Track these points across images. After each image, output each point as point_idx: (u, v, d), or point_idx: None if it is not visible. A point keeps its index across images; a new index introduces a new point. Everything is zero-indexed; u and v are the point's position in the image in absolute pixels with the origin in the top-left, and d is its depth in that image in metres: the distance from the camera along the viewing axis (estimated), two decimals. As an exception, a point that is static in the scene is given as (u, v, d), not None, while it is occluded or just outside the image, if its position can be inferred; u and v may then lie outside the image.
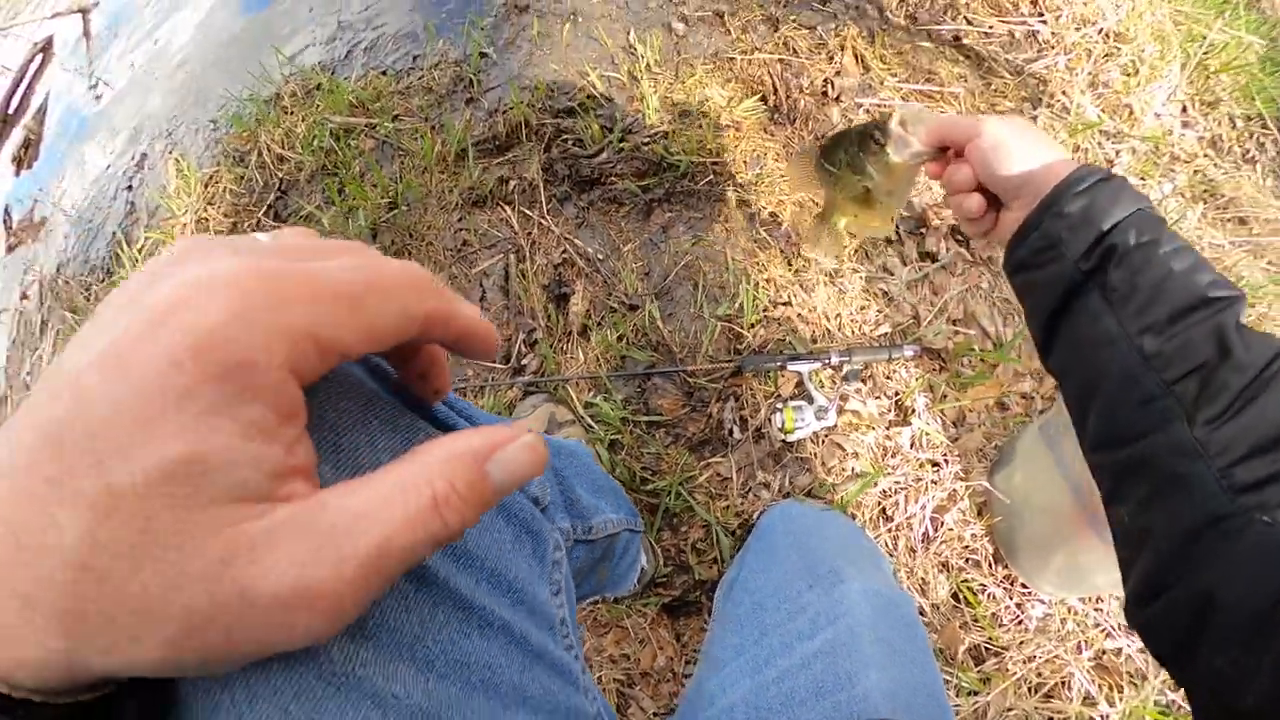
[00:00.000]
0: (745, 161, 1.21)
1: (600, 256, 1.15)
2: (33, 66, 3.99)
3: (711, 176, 1.19)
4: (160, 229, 1.82)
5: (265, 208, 1.60)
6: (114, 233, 2.10)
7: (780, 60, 1.37)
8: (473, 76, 1.47)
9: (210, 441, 0.18)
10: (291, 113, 1.68)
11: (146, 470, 0.17)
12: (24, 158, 3.30)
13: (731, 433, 1.03)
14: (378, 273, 0.22)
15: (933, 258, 1.17)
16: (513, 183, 1.24)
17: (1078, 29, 1.49)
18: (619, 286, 1.12)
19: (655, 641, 0.93)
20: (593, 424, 1.05)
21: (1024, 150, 0.54)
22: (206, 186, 1.77)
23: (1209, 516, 0.40)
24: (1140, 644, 1.02)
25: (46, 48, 4.07)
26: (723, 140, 1.22)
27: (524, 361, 1.12)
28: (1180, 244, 0.48)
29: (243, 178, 1.69)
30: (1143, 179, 1.36)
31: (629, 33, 1.45)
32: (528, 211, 1.22)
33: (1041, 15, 1.52)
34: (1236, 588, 0.37)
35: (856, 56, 1.42)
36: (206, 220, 1.69)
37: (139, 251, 1.85)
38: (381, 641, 0.26)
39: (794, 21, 1.44)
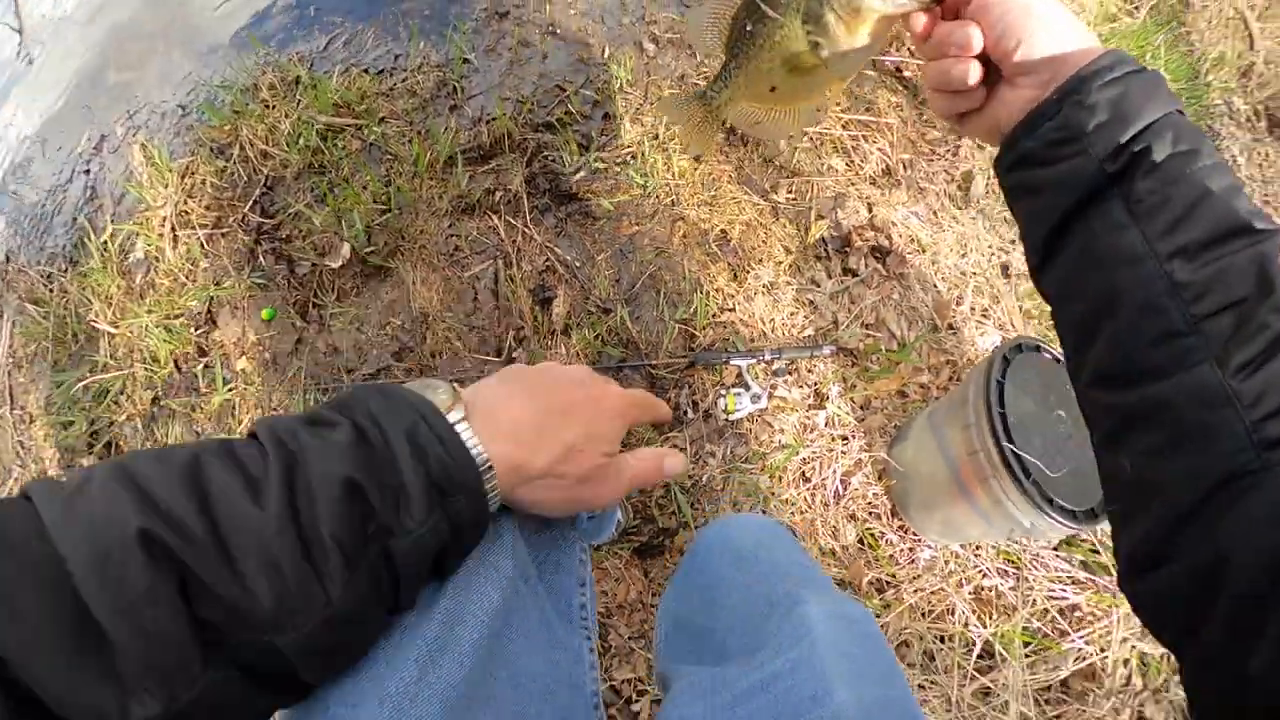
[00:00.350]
0: (703, 183, 1.42)
1: (578, 264, 1.36)
2: None
3: (674, 196, 1.40)
4: (135, 220, 1.81)
5: (251, 203, 1.69)
6: (75, 219, 2.05)
7: (733, 85, 1.57)
8: (456, 83, 1.61)
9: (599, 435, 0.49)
10: (273, 107, 1.76)
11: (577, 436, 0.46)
12: None
13: (686, 414, 1.27)
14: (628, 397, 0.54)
15: (854, 273, 1.42)
16: (498, 193, 1.42)
17: None
18: (595, 292, 1.34)
19: (628, 579, 1.19)
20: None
21: (1049, 18, 0.46)
22: (183, 177, 1.79)
23: (1231, 472, 0.36)
24: (1010, 582, 1.33)
25: None
26: (684, 164, 1.42)
27: (514, 355, 1.32)
28: (1219, 159, 0.42)
29: (224, 171, 1.75)
30: None
31: (604, 50, 1.62)
32: (512, 220, 1.40)
33: None
34: (1253, 547, 0.34)
35: (705, 51, 1.62)
36: (187, 214, 1.75)
37: (111, 242, 1.82)
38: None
39: (688, 12, 1.63)
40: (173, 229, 1.74)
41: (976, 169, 1.62)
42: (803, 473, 1.28)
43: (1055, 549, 1.34)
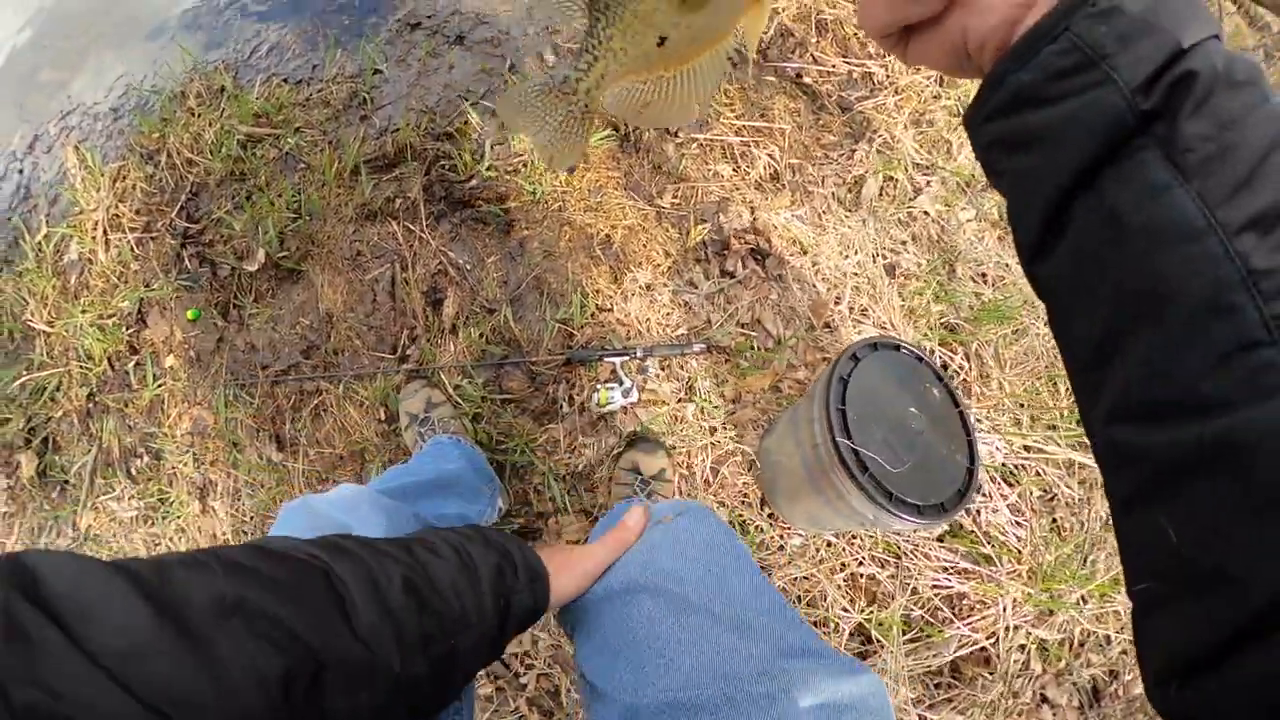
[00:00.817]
0: (590, 190, 1.52)
1: (469, 267, 1.45)
2: None
3: (561, 202, 1.50)
4: (69, 223, 1.88)
5: (178, 208, 1.78)
6: (9, 219, 2.10)
7: (628, 95, 1.65)
8: (366, 94, 1.70)
9: None
10: (198, 115, 1.84)
11: None
12: None
13: (562, 407, 1.37)
14: None
15: (731, 275, 1.52)
16: (398, 201, 1.51)
17: (913, 73, 1.81)
18: (482, 293, 1.43)
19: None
20: (460, 402, 1.38)
21: None
22: (115, 182, 1.88)
23: None
24: (890, 571, 1.36)
25: None
26: (573, 173, 1.51)
27: (408, 352, 1.42)
28: (1270, 88, 0.30)
29: (152, 177, 1.84)
30: (948, 205, 1.70)
31: (506, 60, 1.70)
32: (411, 226, 1.49)
33: (883, 58, 1.82)
34: None
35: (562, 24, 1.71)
36: (119, 218, 1.83)
37: (46, 243, 1.90)
38: None
39: None
40: (105, 232, 1.82)
41: (870, 173, 1.71)
42: (670, 461, 1.38)
43: (940, 540, 1.42)
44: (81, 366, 1.74)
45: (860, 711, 0.51)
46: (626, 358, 1.36)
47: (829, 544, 1.40)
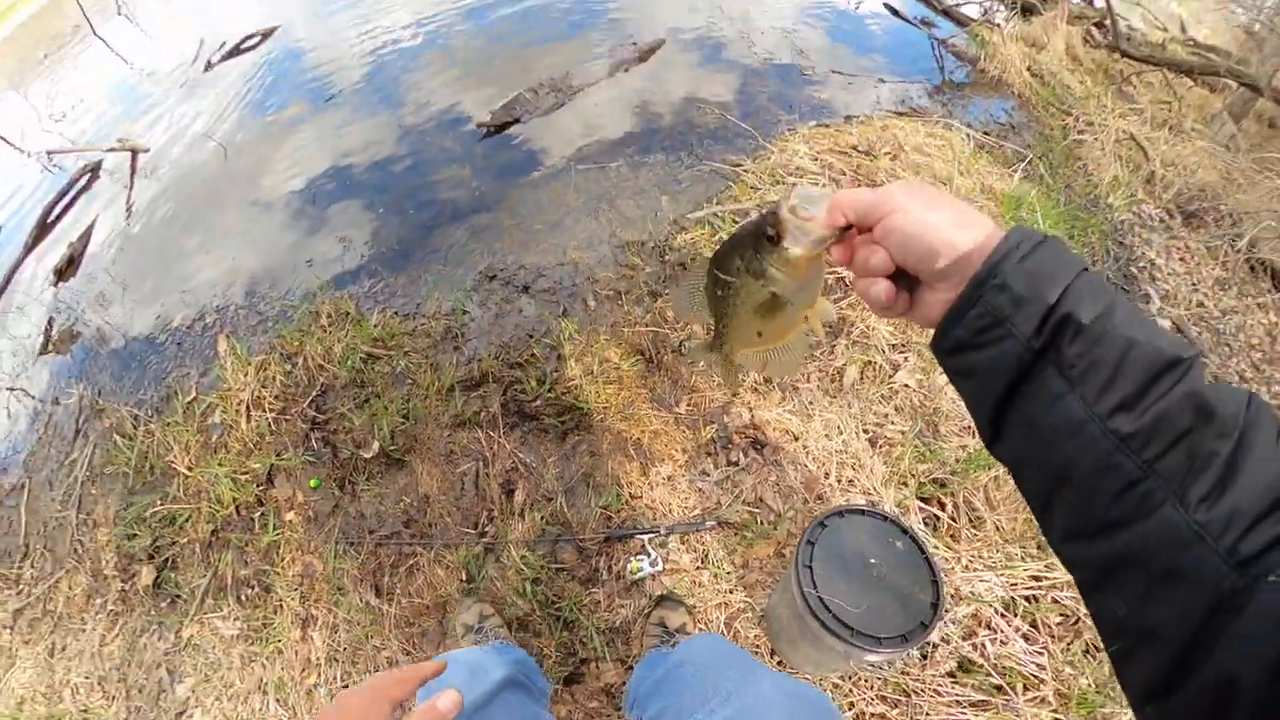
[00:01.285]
0: (624, 405, 2.04)
1: (534, 465, 1.95)
2: (78, 185, 4.80)
3: (604, 415, 2.01)
4: (218, 394, 2.47)
5: (309, 400, 2.33)
6: (164, 378, 2.74)
7: (654, 330, 2.23)
8: (458, 330, 2.30)
9: None
10: (329, 331, 2.46)
11: None
12: (65, 271, 4.09)
13: (603, 575, 1.78)
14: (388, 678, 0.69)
15: (735, 464, 1.98)
16: (482, 413, 2.04)
17: None
18: (544, 485, 1.91)
19: (560, 701, 1.65)
20: (513, 600, 1.80)
21: (943, 223, 0.49)
22: (259, 370, 2.46)
23: (1218, 599, 0.37)
24: (898, 710, 1.49)
25: (94, 171, 4.90)
26: (610, 390, 2.05)
27: (485, 529, 1.87)
28: (1127, 304, 0.45)
29: (290, 373, 2.42)
30: (925, 374, 2.11)
31: (561, 306, 2.31)
32: (491, 433, 2.01)
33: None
34: (1256, 660, 0.35)
35: (704, 325, 2.29)
36: (261, 399, 2.39)
37: (195, 405, 2.47)
38: None
39: (667, 295, 2.32)
40: (248, 409, 2.37)
41: (849, 362, 2.19)
42: (692, 618, 1.76)
43: (950, 675, 1.59)
44: (211, 507, 2.19)
45: (811, 694, 0.80)
46: (653, 535, 1.79)
47: (835, 685, 1.62)
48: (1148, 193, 3.78)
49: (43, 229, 4.58)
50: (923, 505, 1.84)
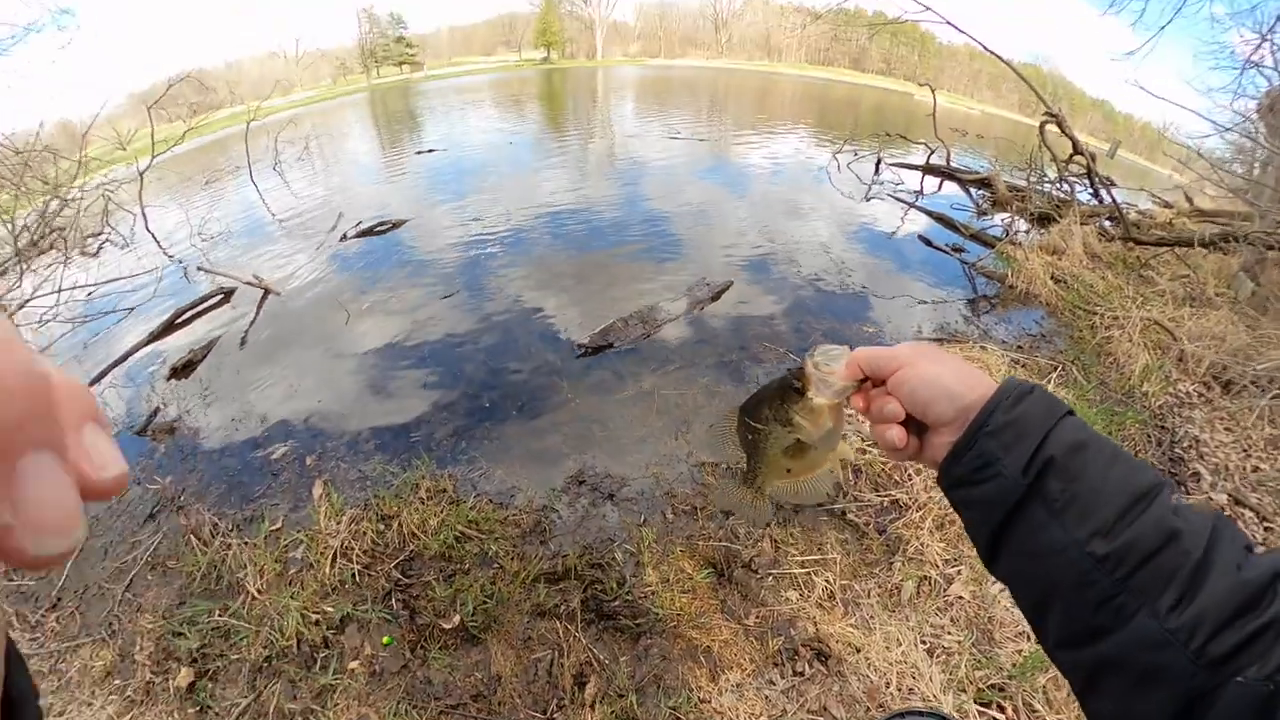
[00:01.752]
0: (697, 613, 2.22)
1: (607, 661, 2.09)
2: (211, 301, 5.47)
3: (677, 622, 2.19)
4: (305, 532, 2.68)
5: (396, 563, 2.54)
6: (253, 502, 2.95)
7: (726, 545, 2.48)
8: (546, 525, 2.59)
9: None
10: (426, 504, 2.74)
11: None
12: (181, 371, 4.62)
13: (664, 788, 1.82)
14: None
15: (801, 674, 2.09)
16: (562, 606, 2.24)
17: (927, 490, 2.60)
18: (615, 681, 2.04)
19: None
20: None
21: (946, 376, 0.59)
22: (352, 523, 2.69)
23: (1190, 697, 0.44)
24: None
25: (228, 296, 5.63)
26: (684, 599, 2.24)
27: (554, 715, 1.96)
28: (1105, 443, 0.53)
29: (382, 534, 2.65)
30: (978, 585, 2.27)
31: (641, 515, 2.60)
32: (569, 626, 2.19)
33: (904, 485, 2.64)
34: None
35: (771, 541, 2.54)
36: (349, 550, 2.58)
37: (280, 536, 2.67)
38: None
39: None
40: (335, 555, 2.55)
41: (906, 578, 2.35)
42: None
43: None
44: (271, 634, 2.29)
45: None
46: (714, 750, 1.86)
47: None
48: (1181, 371, 3.99)
49: (170, 327, 5.26)
50: (981, 709, 1.93)
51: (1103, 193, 7.18)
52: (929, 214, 7.50)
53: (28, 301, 5.34)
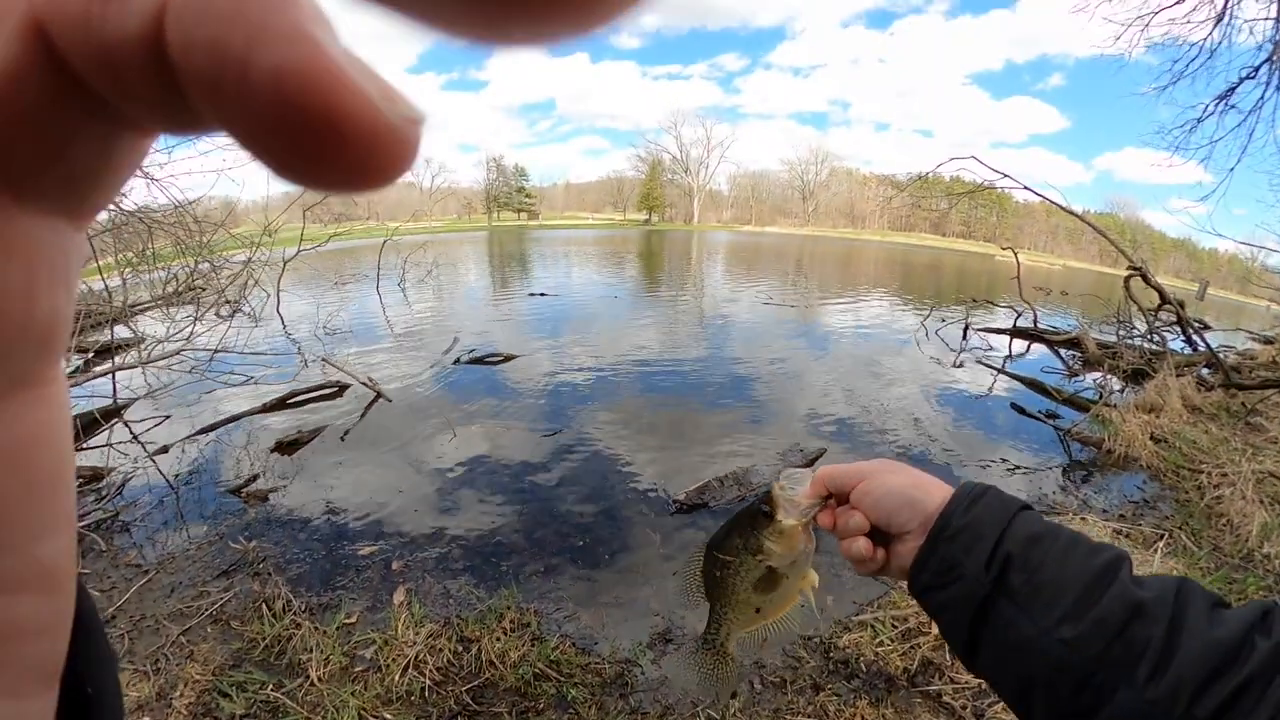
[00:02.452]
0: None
1: None
2: (322, 392, 5.91)
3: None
4: (381, 635, 2.65)
5: (469, 687, 2.48)
6: (332, 588, 2.99)
7: (809, 737, 2.32)
8: (629, 679, 2.51)
9: None
10: (509, 636, 2.71)
11: None
12: (285, 447, 4.79)
13: None
14: None
15: None
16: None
17: None
18: None
19: None
20: None
21: (907, 486, 0.61)
22: (430, 638, 2.64)
23: None
24: None
25: (341, 390, 6.12)
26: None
27: None
28: (1060, 531, 0.55)
29: (459, 655, 2.60)
30: None
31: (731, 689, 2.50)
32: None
33: None
34: None
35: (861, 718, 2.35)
36: (422, 663, 2.53)
37: (352, 630, 2.67)
38: None
39: (830, 689, 2.44)
40: (407, 666, 2.51)
41: None
42: None
43: None
44: None
45: None
46: None
47: None
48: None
49: (281, 403, 5.68)
50: None
51: (1196, 339, 6.85)
52: (1019, 379, 7.38)
53: (161, 341, 5.94)
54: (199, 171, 6.72)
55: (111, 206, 5.98)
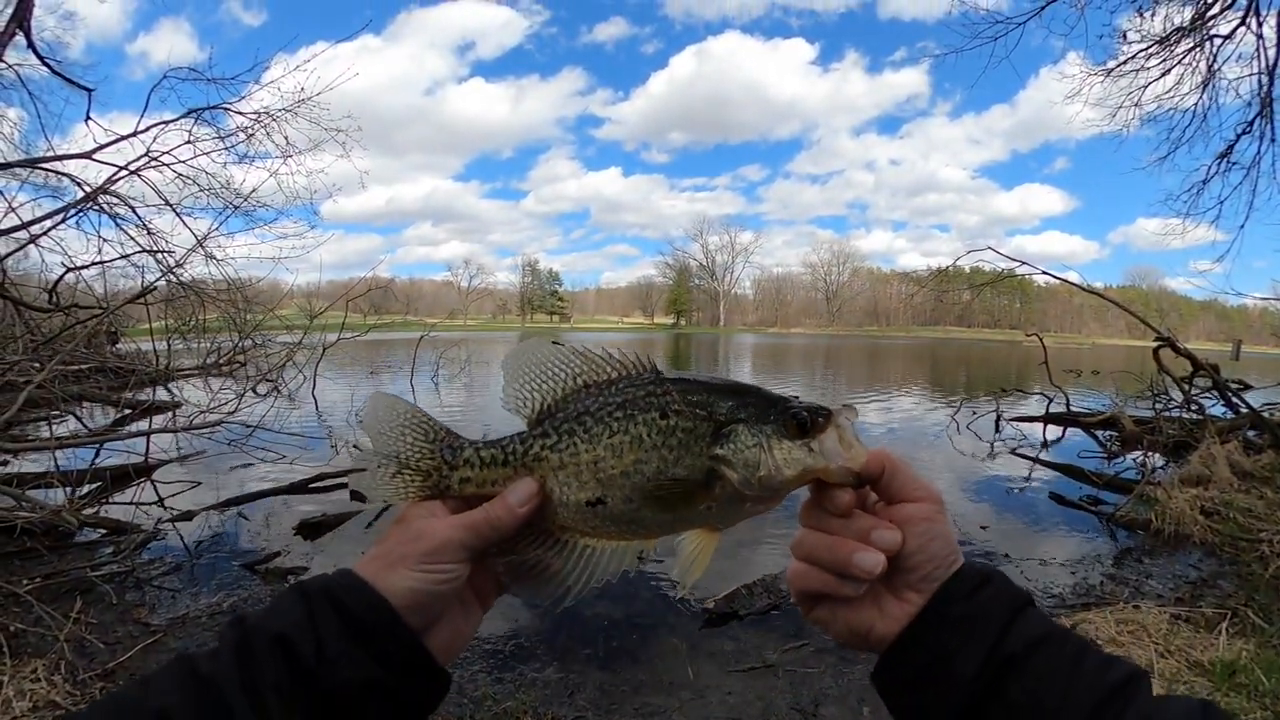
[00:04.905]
0: None
1: None
2: (350, 478, 5.69)
3: None
4: None
5: None
6: None
7: None
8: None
9: None
10: None
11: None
12: (308, 530, 4.58)
13: None
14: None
15: None
16: None
17: None
18: None
19: None
20: None
21: (948, 538, 0.49)
22: None
23: None
24: None
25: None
26: None
27: None
28: (1068, 636, 0.46)
29: None
30: None
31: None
32: None
33: None
34: None
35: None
36: None
37: None
38: None
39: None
40: None
41: None
42: None
43: None
44: None
45: None
46: None
47: None
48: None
49: (307, 485, 5.57)
50: None
51: (1236, 401, 6.42)
52: (1056, 466, 7.03)
53: (203, 411, 6.02)
54: (256, 256, 7.10)
55: (170, 278, 6.38)
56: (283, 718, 0.43)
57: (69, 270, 6.54)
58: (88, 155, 6.27)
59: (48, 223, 6.06)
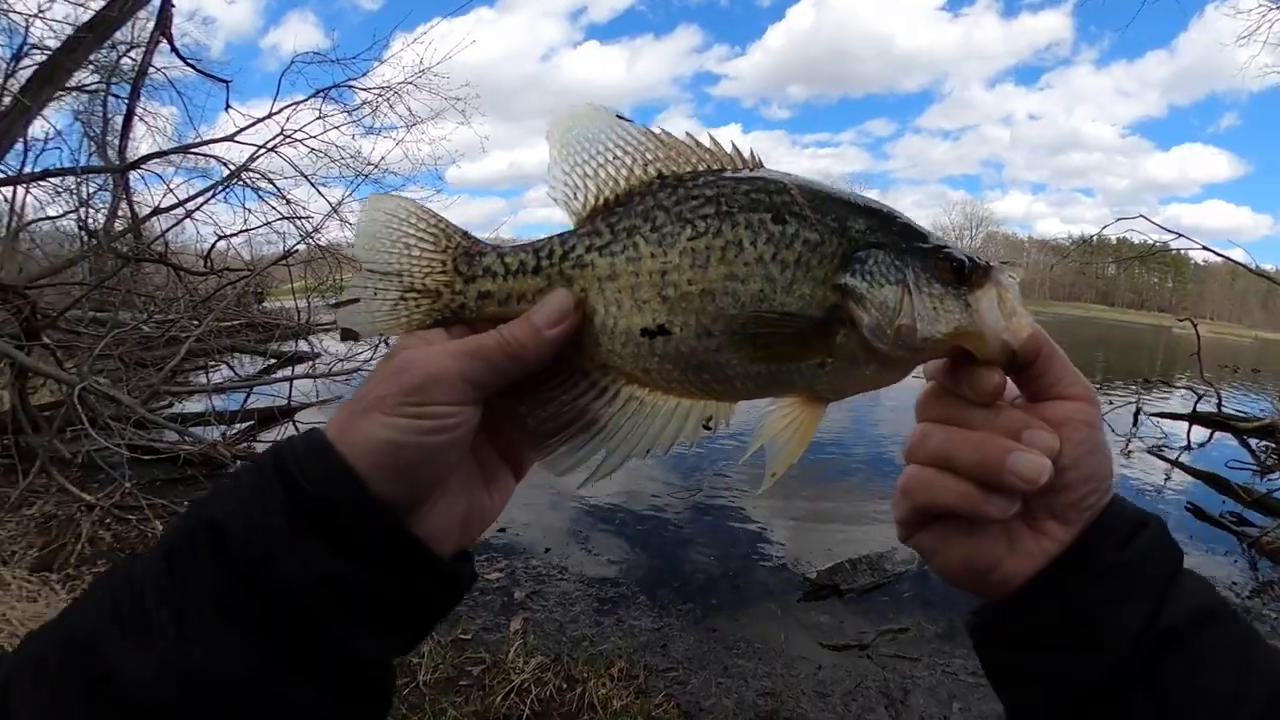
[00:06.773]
0: None
1: None
2: None
3: None
4: (493, 656, 2.62)
5: None
6: (457, 607, 2.95)
7: None
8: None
9: None
10: (615, 684, 2.60)
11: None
12: None
13: None
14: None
15: None
16: None
17: None
18: None
19: None
20: None
21: (1107, 454, 0.39)
22: (539, 670, 2.61)
23: None
24: None
25: None
26: None
27: None
28: (1237, 615, 0.36)
29: (563, 691, 2.52)
30: None
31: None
32: None
33: None
34: None
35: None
36: (526, 691, 2.47)
37: (466, 646, 2.67)
38: None
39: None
40: (510, 691, 2.49)
41: None
42: None
43: None
44: None
45: None
46: None
47: None
48: None
49: None
50: None
51: None
52: (1198, 474, 6.24)
53: (341, 360, 6.68)
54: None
55: (308, 241, 7.13)
56: (216, 631, 0.34)
57: (220, 238, 7.55)
58: (230, 138, 7.12)
59: (200, 199, 7.09)
